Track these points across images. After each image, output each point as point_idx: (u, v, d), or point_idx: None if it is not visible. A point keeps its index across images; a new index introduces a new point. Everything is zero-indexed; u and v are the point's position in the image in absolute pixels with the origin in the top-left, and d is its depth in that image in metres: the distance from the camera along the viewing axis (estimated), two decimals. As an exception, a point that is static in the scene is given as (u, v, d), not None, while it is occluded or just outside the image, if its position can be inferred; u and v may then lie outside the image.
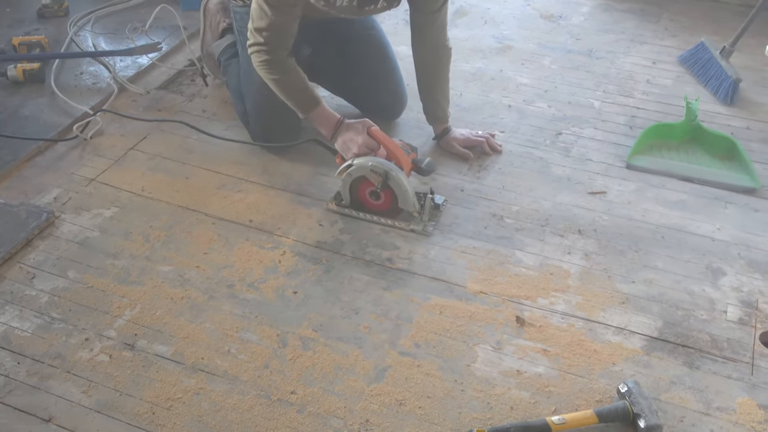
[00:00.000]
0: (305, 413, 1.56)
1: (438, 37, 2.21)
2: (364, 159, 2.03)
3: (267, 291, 1.85)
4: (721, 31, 2.96)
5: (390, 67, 2.42)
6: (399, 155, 2.05)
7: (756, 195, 2.18)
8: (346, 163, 2.05)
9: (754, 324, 1.77)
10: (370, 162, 2.01)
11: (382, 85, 2.40)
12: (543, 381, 1.64)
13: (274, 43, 2.03)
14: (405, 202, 2.04)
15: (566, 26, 3.18)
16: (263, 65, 2.07)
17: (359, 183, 2.06)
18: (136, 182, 2.20)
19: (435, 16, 2.14)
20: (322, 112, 2.13)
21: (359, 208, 2.09)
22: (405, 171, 2.04)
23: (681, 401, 1.59)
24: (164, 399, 1.58)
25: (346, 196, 2.09)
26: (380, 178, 2.01)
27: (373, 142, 2.06)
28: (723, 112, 2.58)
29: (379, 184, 2.01)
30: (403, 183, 2.01)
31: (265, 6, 1.96)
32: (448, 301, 1.83)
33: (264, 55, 2.05)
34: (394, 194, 2.04)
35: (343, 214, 2.09)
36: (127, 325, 1.75)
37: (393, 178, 2.00)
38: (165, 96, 2.63)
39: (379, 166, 2.00)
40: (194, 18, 2.97)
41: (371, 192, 2.06)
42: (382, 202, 2.07)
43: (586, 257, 1.96)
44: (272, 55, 2.05)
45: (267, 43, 2.03)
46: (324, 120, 2.13)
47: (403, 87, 2.44)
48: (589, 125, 2.50)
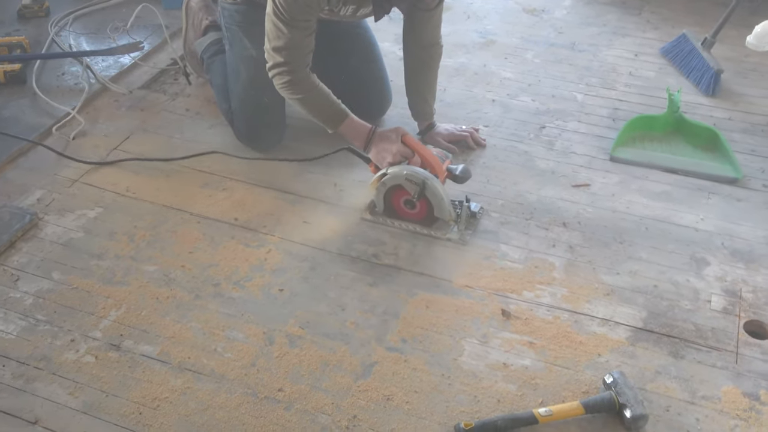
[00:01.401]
0: (293, 410, 1.56)
1: (432, 34, 2.21)
2: (399, 168, 1.98)
3: (253, 289, 1.85)
4: (702, 23, 2.98)
5: (377, 66, 2.42)
6: (434, 163, 2.01)
7: (738, 185, 2.20)
8: (380, 173, 2.01)
9: (738, 313, 1.79)
10: (405, 171, 1.97)
11: (369, 84, 2.40)
12: (529, 373, 1.64)
13: (296, 62, 1.97)
14: (441, 211, 2.00)
15: (549, 20, 3.19)
16: (286, 86, 2.01)
17: (393, 192, 2.02)
18: (120, 182, 2.19)
19: (432, 13, 2.14)
20: (351, 124, 2.07)
21: (393, 217, 2.06)
22: (440, 179, 2.00)
23: (666, 391, 1.61)
24: (151, 399, 1.58)
25: (380, 204, 2.05)
26: (417, 187, 1.96)
27: (407, 150, 2.02)
28: (705, 103, 2.59)
29: (416, 194, 1.97)
30: (440, 192, 1.97)
31: (280, 24, 1.90)
32: (435, 296, 1.83)
33: (286, 76, 1.99)
34: (430, 203, 2.00)
35: (377, 224, 2.06)
36: (112, 325, 1.75)
37: (429, 188, 1.96)
38: (148, 95, 2.62)
39: (415, 176, 1.96)
40: (176, 17, 2.96)
41: (406, 201, 2.02)
42: (417, 211, 2.03)
43: (570, 250, 1.97)
44: (294, 75, 1.99)
45: (288, 62, 1.96)
46: (355, 131, 2.08)
47: (388, 86, 2.44)
48: (573, 118, 2.51)
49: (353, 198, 2.14)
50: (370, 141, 2.06)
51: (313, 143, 2.32)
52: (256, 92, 2.22)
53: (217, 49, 2.44)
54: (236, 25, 2.24)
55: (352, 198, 2.14)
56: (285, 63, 1.97)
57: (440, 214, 2.01)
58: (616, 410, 1.53)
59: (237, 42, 2.25)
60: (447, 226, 2.02)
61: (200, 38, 2.52)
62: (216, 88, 2.43)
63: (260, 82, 2.24)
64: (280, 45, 1.94)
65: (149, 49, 2.86)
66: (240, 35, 2.24)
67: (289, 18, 1.89)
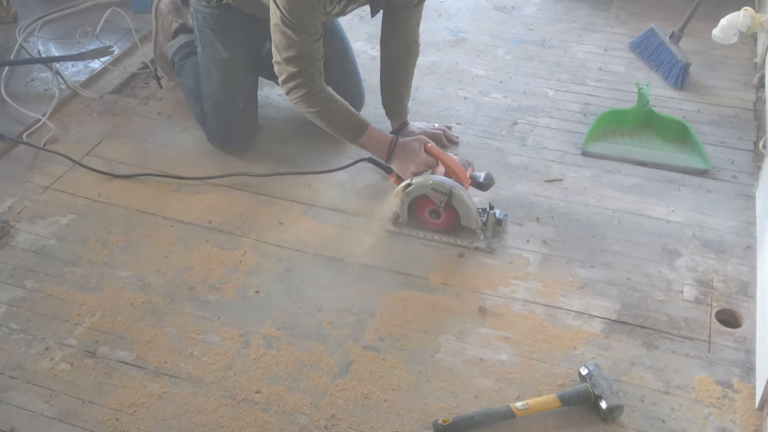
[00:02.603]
0: (271, 412, 1.56)
1: (412, 32, 2.21)
2: (424, 177, 1.96)
3: (228, 292, 1.84)
4: (669, 17, 3.00)
5: (351, 68, 2.42)
6: (458, 171, 1.98)
7: (708, 176, 2.23)
8: (404, 183, 1.99)
9: (710, 302, 1.81)
10: (431, 181, 1.94)
11: (344, 84, 2.37)
12: (506, 368, 1.65)
13: (309, 70, 1.94)
14: (468, 220, 1.97)
15: (519, 17, 3.21)
16: (303, 99, 1.97)
17: (418, 202, 2.00)
18: (93, 188, 2.18)
19: (413, 11, 2.14)
20: (372, 134, 2.04)
21: (417, 227, 2.04)
22: (464, 187, 1.98)
23: (641, 381, 1.62)
24: (128, 405, 1.57)
25: (404, 215, 2.03)
26: (443, 197, 1.94)
27: (431, 159, 2.00)
28: (674, 96, 2.62)
29: (442, 203, 1.94)
30: (467, 200, 1.95)
31: (289, 32, 1.87)
32: (411, 294, 1.84)
33: (302, 89, 1.95)
34: (457, 212, 1.97)
35: (402, 235, 2.02)
36: (87, 332, 1.74)
37: (456, 196, 1.94)
38: (119, 100, 2.60)
39: (441, 185, 1.93)
40: (146, 20, 2.94)
41: (431, 211, 2.00)
42: (442, 220, 2.01)
43: (544, 244, 1.99)
44: (310, 85, 1.95)
45: (302, 71, 1.93)
46: (376, 142, 2.05)
47: (362, 86, 2.44)
48: (544, 114, 2.53)
49: (327, 198, 2.14)
50: (392, 152, 2.03)
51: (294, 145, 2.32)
52: (228, 95, 2.21)
53: (188, 51, 2.43)
54: (209, 28, 2.23)
55: (327, 198, 2.14)
56: (300, 73, 1.93)
57: (467, 223, 1.98)
58: (592, 401, 1.55)
59: (209, 44, 2.25)
60: (473, 234, 2.00)
61: (170, 41, 2.50)
62: (187, 90, 2.41)
63: (232, 84, 2.24)
64: (292, 54, 1.91)
65: (119, 54, 2.84)
66: (212, 38, 2.23)
67: (297, 23, 1.86)
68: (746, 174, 2.24)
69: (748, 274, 1.89)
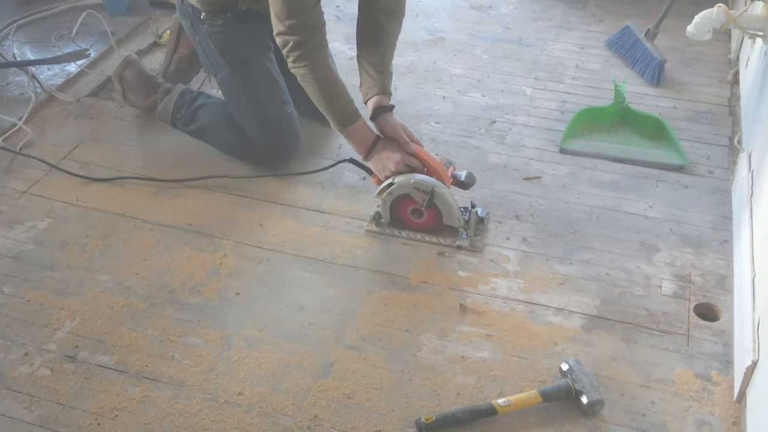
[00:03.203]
0: (253, 413, 1.56)
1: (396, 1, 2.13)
2: (406, 177, 1.95)
3: (209, 294, 1.84)
4: (645, 15, 3.03)
5: None
6: (439, 170, 1.98)
7: (685, 172, 2.25)
8: (386, 182, 1.98)
9: (688, 297, 1.83)
10: (412, 179, 1.94)
11: None
12: (487, 365, 1.66)
13: (315, 38, 1.89)
14: (451, 218, 1.98)
15: (496, 16, 3.22)
16: (307, 72, 1.92)
17: (400, 201, 1.99)
18: (70, 192, 2.16)
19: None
20: (361, 128, 2.00)
21: (400, 227, 2.04)
22: (446, 185, 1.98)
23: (622, 376, 1.64)
24: (109, 409, 1.56)
25: (386, 215, 2.02)
26: (425, 195, 1.94)
27: (413, 159, 1.97)
28: (650, 93, 2.65)
29: (424, 202, 1.94)
30: (449, 199, 1.95)
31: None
32: (392, 293, 1.84)
33: (306, 59, 1.90)
34: (439, 211, 1.98)
35: (384, 235, 2.02)
36: (67, 337, 1.73)
37: (438, 195, 1.94)
38: (96, 103, 2.59)
39: (423, 184, 1.93)
40: (121, 23, 2.94)
41: (413, 210, 2.00)
42: (424, 219, 2.00)
43: (524, 242, 2.00)
44: (315, 57, 1.90)
45: (306, 40, 1.88)
46: (362, 136, 2.00)
47: None
48: (522, 112, 2.55)
49: (308, 199, 2.14)
50: (373, 149, 2.00)
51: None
52: (277, 106, 2.19)
53: (189, 98, 2.34)
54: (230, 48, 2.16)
55: (307, 199, 2.14)
56: (304, 41, 1.88)
57: (450, 222, 1.99)
58: (573, 397, 1.56)
59: (238, 65, 2.18)
60: (456, 233, 2.00)
61: (162, 101, 2.37)
62: (210, 131, 2.30)
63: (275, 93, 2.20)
64: (294, 22, 1.86)
65: (96, 57, 2.82)
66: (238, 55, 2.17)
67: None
68: (722, 169, 2.26)
69: (725, 267, 1.91)
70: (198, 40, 2.23)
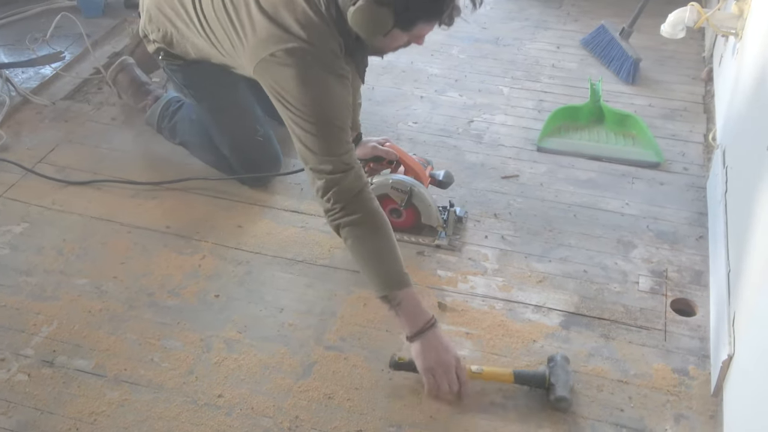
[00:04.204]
0: (234, 415, 1.55)
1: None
2: (384, 177, 1.96)
3: (188, 296, 1.83)
4: (620, 14, 3.06)
5: None
6: (418, 170, 1.99)
7: (660, 169, 2.27)
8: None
9: (665, 292, 1.85)
10: (390, 180, 1.95)
11: None
12: (467, 363, 1.66)
13: (357, 162, 1.68)
14: (429, 218, 1.98)
15: (473, 16, 3.22)
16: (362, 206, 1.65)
17: (379, 201, 1.98)
18: (46, 196, 2.15)
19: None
20: (411, 297, 1.62)
21: None
22: (424, 185, 1.99)
23: (600, 372, 1.65)
24: (87, 414, 1.55)
25: None
26: (404, 195, 1.94)
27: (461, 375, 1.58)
28: (626, 91, 2.67)
29: (403, 202, 1.95)
30: (427, 199, 1.96)
31: (337, 132, 1.65)
32: (371, 293, 1.84)
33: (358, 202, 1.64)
34: (417, 211, 1.98)
35: None
36: (44, 342, 1.71)
37: (417, 195, 1.95)
38: (72, 106, 2.57)
39: (401, 183, 1.94)
40: (97, 25, 2.92)
41: (392, 210, 1.99)
42: (403, 219, 2.00)
43: (503, 240, 2.01)
44: (366, 190, 1.66)
45: (353, 165, 1.65)
46: (411, 309, 1.61)
47: None
48: (500, 111, 2.56)
49: (286, 200, 2.14)
50: (422, 333, 1.59)
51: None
52: (245, 135, 2.13)
53: (173, 110, 2.31)
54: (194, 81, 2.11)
55: (286, 200, 2.14)
56: (349, 168, 1.64)
57: (428, 221, 1.99)
58: (546, 387, 1.58)
59: (203, 97, 2.13)
60: (435, 232, 2.00)
61: (150, 108, 2.36)
62: (192, 147, 2.28)
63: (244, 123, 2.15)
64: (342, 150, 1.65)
65: (71, 59, 2.80)
66: (203, 88, 2.11)
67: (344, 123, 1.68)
68: (697, 166, 2.29)
69: (701, 263, 1.93)
70: (163, 67, 2.17)
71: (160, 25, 1.98)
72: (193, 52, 1.97)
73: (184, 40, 1.95)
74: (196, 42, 1.92)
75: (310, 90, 1.65)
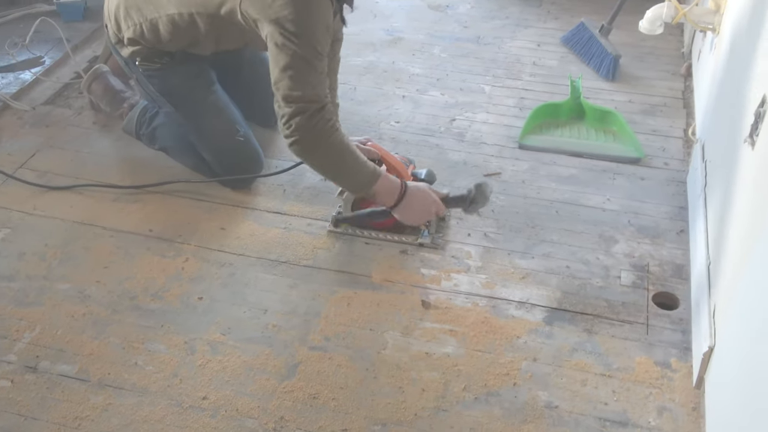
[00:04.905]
0: (218, 417, 1.55)
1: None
2: None
3: (171, 299, 1.83)
4: (599, 11, 3.08)
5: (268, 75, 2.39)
6: (400, 169, 1.99)
7: (641, 164, 2.29)
8: None
9: (647, 286, 1.86)
10: None
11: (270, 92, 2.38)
12: (451, 360, 1.67)
13: (326, 95, 1.79)
14: None
15: (454, 15, 3.25)
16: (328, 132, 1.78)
17: (361, 201, 1.99)
18: (28, 201, 2.14)
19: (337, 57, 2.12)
20: (384, 181, 1.85)
21: (362, 227, 2.03)
22: None
23: (584, 366, 1.66)
24: (72, 419, 1.55)
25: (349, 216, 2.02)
26: None
27: (441, 206, 1.91)
28: (606, 88, 2.68)
29: None
30: None
31: (315, 60, 1.75)
32: (355, 293, 1.85)
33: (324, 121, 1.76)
34: None
35: (347, 235, 2.02)
36: (27, 347, 1.70)
37: None
38: (52, 111, 2.56)
39: None
40: (76, 29, 2.91)
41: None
42: (386, 218, 2.00)
43: (485, 237, 2.02)
44: (330, 112, 1.79)
45: (323, 97, 1.77)
46: (387, 189, 1.86)
47: None
48: (481, 110, 2.57)
49: (269, 201, 2.14)
50: (401, 200, 1.87)
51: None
52: (226, 137, 2.13)
53: (150, 116, 2.29)
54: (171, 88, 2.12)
55: (268, 201, 2.14)
56: (319, 98, 1.77)
57: None
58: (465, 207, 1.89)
59: (181, 103, 2.13)
60: (417, 231, 2.00)
61: (127, 116, 2.36)
62: (171, 151, 2.28)
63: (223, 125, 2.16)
64: (313, 80, 1.76)
65: (51, 64, 2.79)
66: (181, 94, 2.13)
67: (324, 46, 1.77)
68: (677, 160, 2.30)
69: (682, 257, 1.94)
70: (135, 78, 2.17)
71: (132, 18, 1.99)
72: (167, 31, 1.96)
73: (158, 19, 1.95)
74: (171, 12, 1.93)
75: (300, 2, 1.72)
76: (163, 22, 1.96)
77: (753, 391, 1.20)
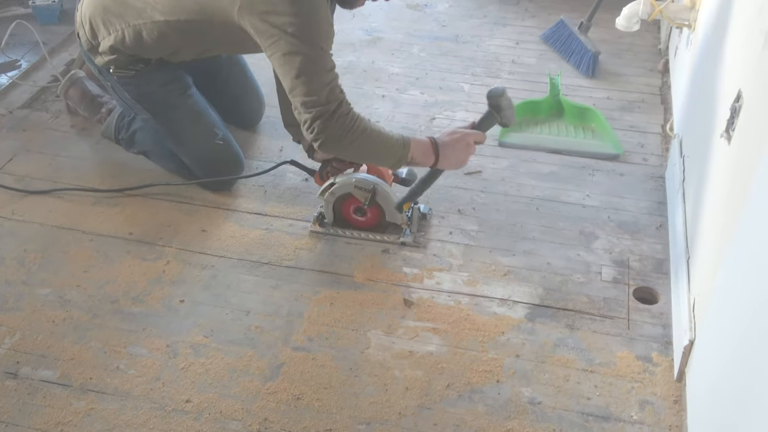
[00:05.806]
0: (202, 420, 1.55)
1: None
2: (347, 176, 1.96)
3: (153, 302, 1.82)
4: (578, 8, 3.09)
5: (250, 78, 2.40)
6: (380, 168, 2.00)
7: (620, 161, 2.30)
8: (327, 182, 1.98)
9: (627, 281, 1.88)
10: (353, 179, 1.95)
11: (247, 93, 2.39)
12: (435, 359, 1.68)
13: (341, 90, 1.78)
14: (393, 216, 1.99)
15: (432, 14, 3.25)
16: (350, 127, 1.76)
17: (342, 201, 2.00)
18: (5, 206, 2.12)
19: None
20: (417, 145, 1.84)
21: (343, 226, 2.04)
22: (388, 183, 1.99)
23: (566, 362, 1.67)
24: (54, 424, 1.53)
25: (330, 215, 2.02)
26: (367, 194, 1.94)
27: (479, 134, 1.88)
28: (585, 85, 2.70)
29: (366, 201, 1.95)
30: (390, 197, 1.96)
31: (323, 60, 1.73)
32: (338, 292, 1.85)
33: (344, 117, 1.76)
34: (381, 209, 1.99)
35: (328, 235, 2.02)
36: (7, 353, 1.69)
37: (380, 193, 1.95)
38: (30, 115, 2.53)
39: (364, 182, 1.94)
40: (53, 32, 2.88)
41: (356, 209, 2.01)
42: (368, 218, 2.01)
43: (467, 235, 2.02)
44: (347, 105, 1.79)
45: (338, 93, 1.77)
46: (421, 152, 1.84)
47: (261, 92, 2.44)
48: (461, 108, 2.58)
49: (250, 203, 2.13)
50: (438, 153, 1.85)
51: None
52: (205, 141, 2.12)
53: (128, 121, 2.27)
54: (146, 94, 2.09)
55: (249, 203, 2.13)
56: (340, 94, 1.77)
57: (393, 219, 2.00)
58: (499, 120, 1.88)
59: (157, 108, 2.11)
60: (399, 230, 2.01)
61: (105, 121, 2.35)
62: (152, 155, 2.27)
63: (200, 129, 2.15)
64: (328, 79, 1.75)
65: (27, 67, 2.76)
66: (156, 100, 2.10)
67: (329, 42, 1.76)
68: (656, 156, 2.32)
69: (662, 251, 1.96)
70: (109, 86, 2.13)
71: (113, 24, 1.95)
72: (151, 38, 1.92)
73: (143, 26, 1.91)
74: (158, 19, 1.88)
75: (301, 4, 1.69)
76: (147, 28, 1.91)
77: (733, 383, 1.22)
